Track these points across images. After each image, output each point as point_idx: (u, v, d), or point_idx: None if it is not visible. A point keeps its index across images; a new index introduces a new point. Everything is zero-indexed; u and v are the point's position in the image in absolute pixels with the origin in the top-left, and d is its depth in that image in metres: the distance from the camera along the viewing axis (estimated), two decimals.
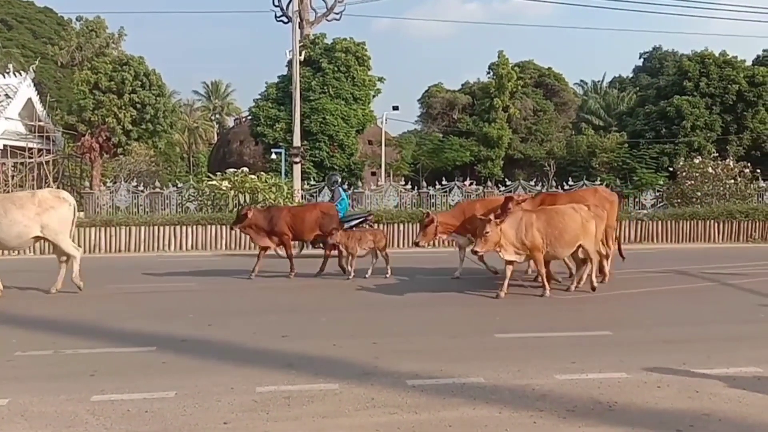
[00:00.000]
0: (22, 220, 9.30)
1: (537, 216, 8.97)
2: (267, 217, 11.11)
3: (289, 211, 11.57)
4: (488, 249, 8.59)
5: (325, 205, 12.39)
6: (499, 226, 8.52)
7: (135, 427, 4.36)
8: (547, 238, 8.81)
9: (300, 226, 11.20)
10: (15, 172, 26.87)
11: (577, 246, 9.09)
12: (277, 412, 4.59)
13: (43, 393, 5.03)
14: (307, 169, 28.30)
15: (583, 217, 9.10)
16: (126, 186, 24.39)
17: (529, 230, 8.72)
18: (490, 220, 8.52)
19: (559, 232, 8.88)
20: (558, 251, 9.05)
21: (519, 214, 8.95)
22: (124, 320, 7.80)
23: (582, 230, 9.03)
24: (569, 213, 9.12)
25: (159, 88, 30.12)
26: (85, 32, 39.79)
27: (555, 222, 8.93)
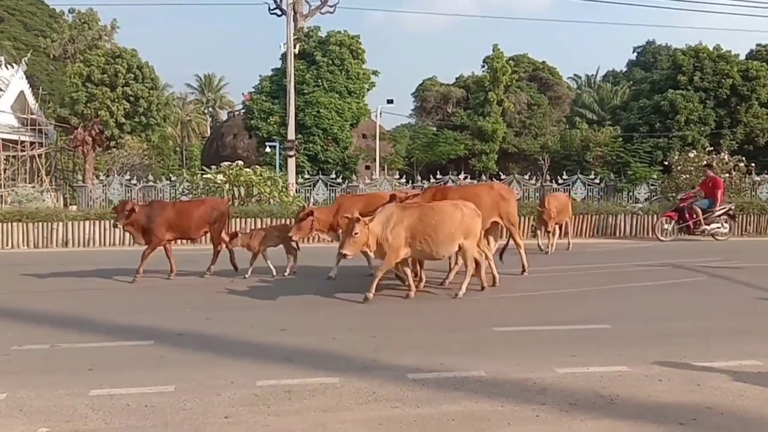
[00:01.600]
0: None
1: (410, 213, 8.33)
2: (148, 213, 10.28)
3: (173, 207, 10.80)
4: (357, 250, 8.02)
5: (214, 201, 11.73)
6: (368, 225, 7.96)
7: (135, 422, 4.32)
8: (418, 236, 8.19)
9: (186, 223, 10.42)
10: (7, 165, 26.71)
11: (456, 245, 8.42)
12: (278, 406, 4.56)
13: (41, 387, 4.98)
14: (301, 163, 28.24)
15: (464, 215, 8.46)
16: (119, 179, 24.30)
17: (396, 226, 8.11)
18: (358, 219, 7.93)
19: (432, 229, 8.22)
20: (433, 250, 8.32)
21: (390, 210, 8.34)
22: (120, 314, 7.74)
23: (462, 228, 8.39)
24: (447, 210, 8.48)
25: (152, 81, 30.00)
26: (77, 24, 39.51)
27: (428, 219, 8.27)
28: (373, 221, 8.07)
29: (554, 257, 12.93)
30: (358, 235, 7.84)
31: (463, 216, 8.43)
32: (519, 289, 9.35)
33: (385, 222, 8.14)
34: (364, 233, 7.90)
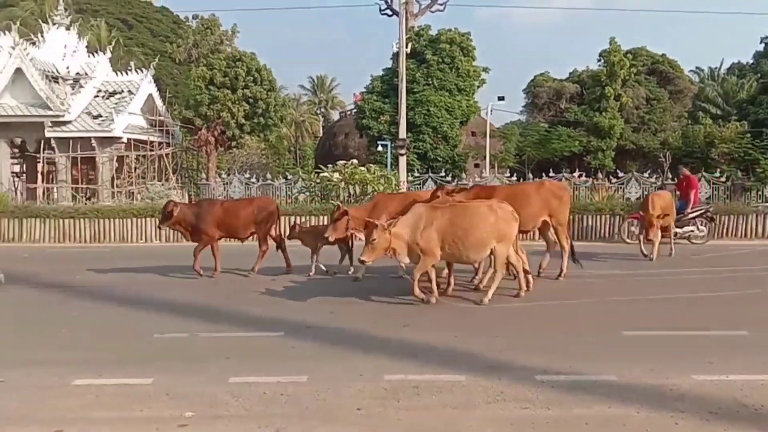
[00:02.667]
0: None
1: (441, 213, 7.93)
2: (195, 212, 10.47)
3: (222, 206, 10.89)
4: (377, 257, 7.77)
5: (263, 200, 11.91)
6: (387, 230, 7.63)
7: (273, 410, 4.52)
8: (450, 237, 7.80)
9: (234, 222, 10.54)
10: (138, 164, 28.47)
11: (488, 249, 7.95)
12: (407, 401, 4.64)
13: (183, 374, 5.31)
14: (411, 161, 28.42)
15: (499, 217, 7.93)
16: (239, 177, 25.38)
17: (426, 229, 7.75)
18: (376, 225, 7.64)
19: (463, 232, 7.80)
20: (462, 254, 7.93)
21: (420, 210, 8.02)
22: (251, 306, 8.09)
23: (495, 232, 7.88)
24: (481, 212, 8.00)
25: (270, 83, 31.08)
26: (200, 30, 41.66)
27: (460, 221, 7.86)
28: (397, 224, 7.75)
29: (678, 260, 12.30)
30: (375, 241, 7.56)
31: (497, 219, 7.91)
32: (644, 292, 9.01)
33: (414, 225, 7.80)
34: (383, 239, 7.60)
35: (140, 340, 6.54)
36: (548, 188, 10.11)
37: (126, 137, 27.62)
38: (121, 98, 28.80)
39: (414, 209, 8.14)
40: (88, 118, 27.50)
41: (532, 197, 9.72)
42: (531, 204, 9.56)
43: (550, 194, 9.86)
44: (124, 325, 7.25)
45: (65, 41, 29.62)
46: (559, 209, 9.81)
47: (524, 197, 9.61)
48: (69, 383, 5.07)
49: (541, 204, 9.72)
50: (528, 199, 9.60)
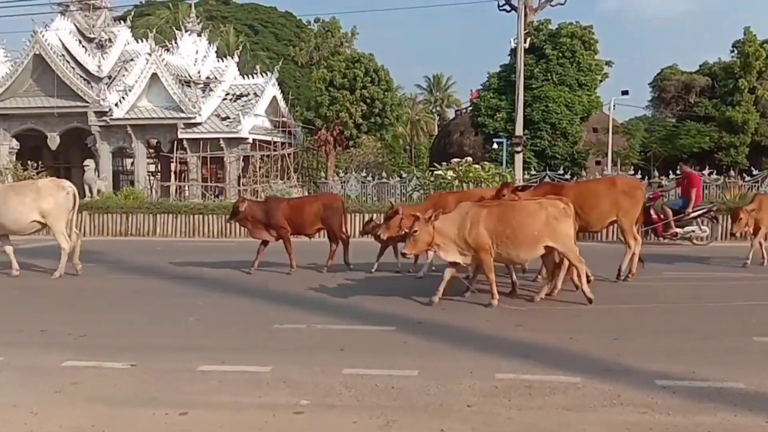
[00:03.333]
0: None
1: (489, 212, 7.69)
2: (264, 209, 10.70)
3: (288, 204, 11.09)
4: (420, 250, 7.78)
5: (328, 197, 11.88)
6: (431, 223, 7.47)
7: (384, 402, 4.60)
8: (498, 237, 7.54)
9: (299, 219, 10.69)
10: (262, 163, 29.72)
11: (540, 248, 7.62)
12: (519, 400, 4.58)
13: (299, 363, 5.50)
14: (527, 159, 27.88)
15: (549, 214, 7.58)
16: (356, 176, 25.92)
17: (474, 227, 7.53)
18: (419, 218, 7.56)
19: (512, 230, 7.53)
20: (512, 253, 7.64)
21: (466, 209, 7.82)
22: (365, 300, 8.25)
23: (546, 229, 7.54)
24: (529, 209, 7.74)
25: (387, 83, 31.50)
26: (321, 33, 42.86)
27: (508, 219, 7.61)
28: (441, 219, 7.57)
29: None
30: (417, 233, 7.47)
31: (548, 216, 7.58)
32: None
33: (460, 222, 7.61)
34: (426, 232, 7.46)
35: (260, 329, 6.84)
36: (620, 187, 9.63)
37: (251, 138, 28.92)
38: (247, 101, 30.19)
39: (460, 206, 8.06)
40: (217, 120, 29.02)
41: (602, 196, 9.35)
42: (600, 203, 9.24)
43: (621, 193, 9.40)
44: (245, 316, 7.61)
45: (197, 47, 31.41)
46: (629, 207, 9.36)
47: (593, 196, 9.31)
48: (194, 369, 5.39)
49: (611, 202, 9.32)
50: (597, 198, 9.28)
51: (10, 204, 10.07)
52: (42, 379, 5.21)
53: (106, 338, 6.57)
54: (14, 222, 10.17)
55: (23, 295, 9.21)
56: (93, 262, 11.17)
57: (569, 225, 7.73)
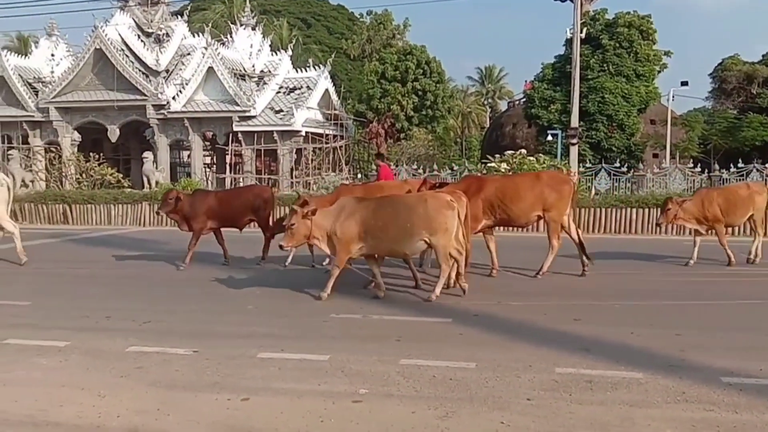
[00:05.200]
0: None
1: (364, 205, 7.67)
2: (190, 202, 10.50)
3: (216, 195, 10.99)
4: (297, 243, 7.65)
5: (258, 188, 11.69)
6: (309, 218, 7.46)
7: (442, 393, 4.59)
8: (370, 230, 7.51)
9: (228, 211, 10.53)
10: (314, 156, 29.99)
11: (417, 241, 7.53)
12: (579, 395, 4.51)
13: (357, 352, 5.54)
14: (582, 151, 27.40)
15: (429, 208, 7.48)
16: (406, 169, 25.89)
17: (346, 220, 7.53)
18: (296, 211, 7.49)
19: (383, 223, 7.50)
20: (387, 246, 7.66)
21: (344, 202, 7.82)
22: (418, 291, 8.25)
23: (423, 223, 7.43)
24: (406, 202, 7.74)
25: (438, 75, 31.41)
26: (374, 25, 42.97)
27: (381, 212, 7.56)
28: (319, 213, 7.57)
29: None
30: (294, 226, 7.47)
31: (427, 209, 7.46)
32: None
33: (335, 215, 7.63)
34: (303, 225, 7.47)
35: (318, 319, 6.91)
36: (545, 180, 9.40)
37: (304, 131, 29.21)
38: (300, 94, 30.48)
39: (341, 200, 8.06)
40: (270, 113, 29.38)
41: (526, 190, 9.17)
42: (523, 197, 9.11)
43: (546, 187, 9.21)
44: (302, 305, 7.69)
45: (251, 41, 31.84)
46: (555, 203, 9.15)
47: (515, 189, 9.18)
48: (254, 355, 5.48)
49: (534, 197, 9.15)
50: (520, 192, 9.15)
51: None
52: (108, 364, 5.37)
53: (168, 325, 6.74)
54: None
55: (89, 283, 9.50)
56: (154, 251, 11.46)
57: (451, 219, 7.53)
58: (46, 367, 5.32)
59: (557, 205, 9.18)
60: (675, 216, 10.34)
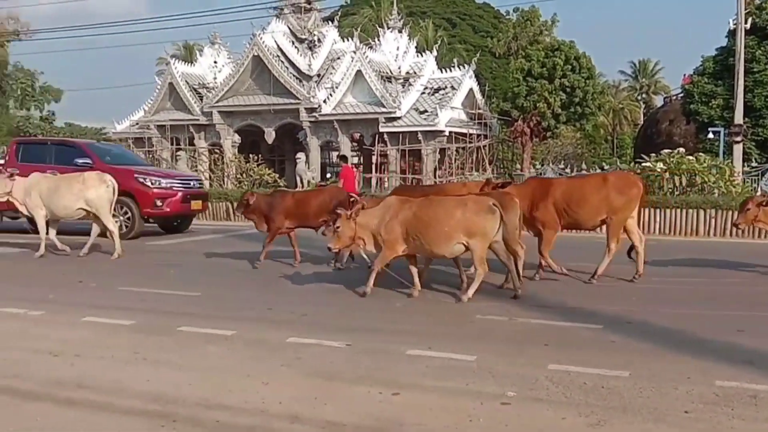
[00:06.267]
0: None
1: (408, 206, 7.73)
2: (268, 202, 10.77)
3: (293, 197, 11.10)
4: (344, 245, 7.86)
5: (332, 190, 11.86)
6: (352, 219, 7.63)
7: (593, 400, 4.52)
8: (411, 231, 7.58)
9: (304, 211, 10.63)
10: (457, 155, 30.08)
11: (454, 244, 7.54)
12: (742, 410, 4.27)
13: (503, 355, 5.56)
14: (747, 149, 25.47)
15: (467, 211, 7.44)
16: (552, 168, 25.33)
17: (390, 221, 7.65)
18: (340, 214, 7.66)
19: (423, 225, 7.55)
20: (426, 248, 7.71)
21: (389, 203, 7.95)
22: (566, 297, 8.11)
23: (460, 226, 7.41)
24: (446, 205, 7.66)
25: (588, 71, 30.40)
26: (520, 22, 42.34)
27: (422, 214, 7.61)
28: (364, 214, 7.76)
29: None
30: (340, 229, 7.64)
31: (465, 212, 7.44)
32: None
33: (380, 216, 7.76)
34: (348, 227, 7.64)
35: (463, 319, 7.01)
36: (613, 183, 8.89)
37: (448, 130, 29.40)
38: (444, 94, 30.70)
39: (385, 200, 8.22)
40: (415, 114, 29.83)
41: (592, 193, 8.84)
42: (589, 200, 8.84)
43: (614, 190, 8.80)
44: (448, 304, 7.80)
45: (397, 43, 32.49)
46: (622, 207, 8.80)
47: (581, 192, 8.91)
48: (403, 352, 5.66)
49: (600, 200, 8.80)
50: (586, 195, 8.87)
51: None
52: (270, 353, 5.77)
53: (324, 318, 7.11)
54: (64, 208, 11.74)
55: (250, 276, 10.18)
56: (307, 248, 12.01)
57: (491, 223, 7.49)
58: (215, 354, 5.81)
59: (623, 208, 8.88)
60: (755, 218, 9.67)
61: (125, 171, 14.84)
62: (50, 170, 13.48)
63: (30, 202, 11.73)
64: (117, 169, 14.28)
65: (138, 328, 6.66)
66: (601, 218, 9.06)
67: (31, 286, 9.17)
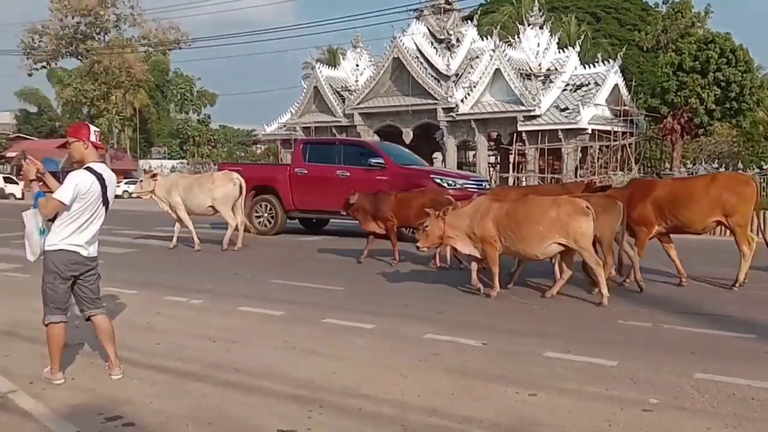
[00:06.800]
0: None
1: (500, 206, 7.89)
2: (371, 201, 11.20)
3: (395, 197, 11.24)
4: (432, 243, 8.08)
5: (433, 191, 11.95)
6: (441, 218, 7.87)
7: (742, 412, 4.33)
8: (503, 230, 7.69)
9: (406, 212, 10.75)
10: (600, 154, 29.06)
11: (548, 244, 7.53)
12: None
13: (646, 361, 5.41)
14: None
15: (562, 212, 7.46)
16: (705, 167, 23.83)
17: (482, 220, 7.81)
18: (429, 213, 7.99)
19: (516, 224, 7.62)
20: (517, 247, 7.73)
21: (480, 202, 8.18)
22: (713, 304, 7.73)
23: (555, 226, 7.44)
24: (540, 205, 7.72)
25: (745, 64, 28.30)
26: (670, 14, 40.11)
27: (515, 213, 7.72)
28: (453, 214, 7.99)
29: None
30: (428, 228, 7.90)
31: (559, 213, 7.45)
32: None
33: (471, 215, 7.95)
34: (436, 226, 7.88)
35: (604, 323, 6.86)
36: (722, 183, 8.56)
37: (591, 128, 28.49)
38: (587, 90, 29.81)
39: (476, 200, 8.43)
40: (556, 112, 29.19)
41: (699, 194, 8.47)
42: (696, 201, 8.46)
43: (724, 190, 8.40)
44: (588, 308, 7.65)
45: (538, 40, 31.96)
46: (737, 207, 8.35)
47: (687, 193, 8.57)
48: (541, 353, 5.66)
49: (710, 201, 8.41)
50: (692, 196, 8.51)
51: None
52: (407, 348, 5.98)
53: (460, 316, 7.24)
54: (197, 206, 12.87)
55: (389, 274, 10.50)
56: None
57: (585, 224, 7.42)
58: (358, 346, 6.11)
59: (739, 209, 8.40)
60: None
61: (422, 172, 14.72)
62: (339, 170, 14.50)
63: (171, 199, 12.91)
64: (412, 169, 14.46)
65: (287, 318, 7.13)
66: (712, 220, 8.64)
67: (190, 277, 9.98)
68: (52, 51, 43.38)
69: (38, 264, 5.02)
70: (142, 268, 10.87)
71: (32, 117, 69.21)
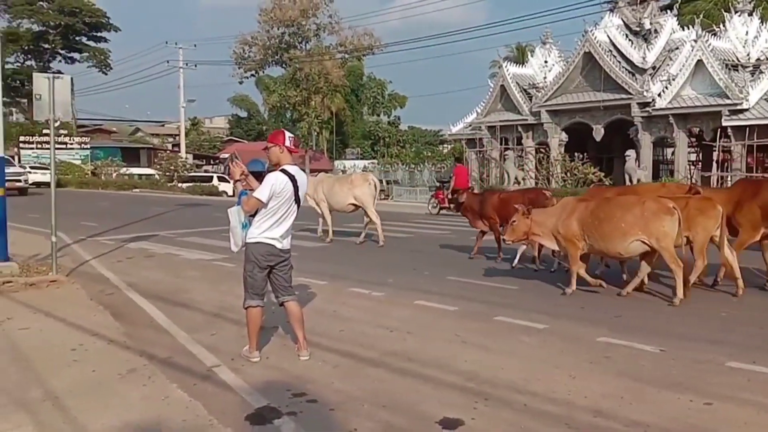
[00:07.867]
0: None
1: (585, 205, 8.14)
2: (479, 200, 11.89)
3: (498, 196, 11.82)
4: (517, 238, 8.50)
5: (534, 191, 12.35)
6: (528, 216, 8.31)
7: None
8: (587, 229, 7.94)
9: (507, 212, 10.36)
10: None
11: (631, 241, 7.63)
12: None
13: None
14: None
15: (646, 210, 7.55)
16: None
17: (567, 219, 8.12)
18: (518, 210, 8.40)
19: (599, 222, 7.81)
20: (600, 244, 7.92)
21: (566, 202, 8.62)
22: None
23: (638, 224, 7.53)
24: (624, 203, 7.95)
25: None
26: None
27: (599, 211, 7.92)
28: (540, 212, 8.52)
29: None
30: (515, 223, 8.37)
31: (643, 211, 7.60)
32: None
33: (557, 214, 8.30)
34: (522, 222, 8.31)
35: None
36: None
37: None
38: None
39: (563, 200, 8.83)
40: (766, 105, 26.59)
41: None
42: None
43: None
44: None
45: (746, 27, 29.30)
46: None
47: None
48: (723, 363, 5.41)
49: None
50: None
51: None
52: (579, 349, 5.97)
53: (638, 321, 7.03)
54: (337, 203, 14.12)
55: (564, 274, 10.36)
56: None
57: (669, 224, 7.49)
58: (528, 344, 6.21)
59: None
60: None
61: None
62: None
63: (317, 197, 14.28)
64: None
65: (460, 314, 7.40)
66: None
67: (374, 271, 10.55)
68: (260, 60, 47.32)
69: (240, 254, 5.73)
70: (331, 261, 11.71)
71: (243, 121, 75.94)
